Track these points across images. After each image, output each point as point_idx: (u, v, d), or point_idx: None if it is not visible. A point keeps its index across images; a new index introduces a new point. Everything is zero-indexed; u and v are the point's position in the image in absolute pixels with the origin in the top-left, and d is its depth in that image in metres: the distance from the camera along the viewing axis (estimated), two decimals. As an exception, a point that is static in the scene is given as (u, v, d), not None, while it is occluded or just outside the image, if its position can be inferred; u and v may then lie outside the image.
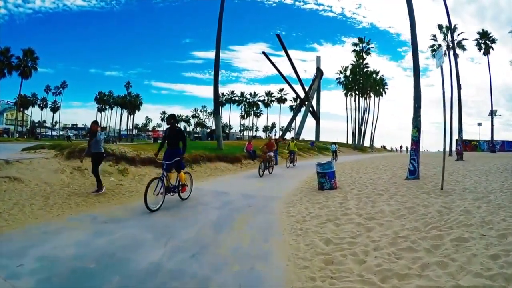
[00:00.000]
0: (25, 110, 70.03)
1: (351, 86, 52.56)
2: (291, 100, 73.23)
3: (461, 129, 20.03)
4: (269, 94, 79.81)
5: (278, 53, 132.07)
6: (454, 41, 20.82)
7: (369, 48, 50.70)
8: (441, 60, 7.19)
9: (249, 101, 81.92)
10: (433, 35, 29.69)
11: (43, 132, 70.05)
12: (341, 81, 54.55)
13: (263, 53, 52.14)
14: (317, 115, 52.77)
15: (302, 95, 51.80)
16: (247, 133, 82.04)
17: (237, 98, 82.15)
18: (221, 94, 79.76)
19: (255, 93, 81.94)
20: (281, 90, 76.43)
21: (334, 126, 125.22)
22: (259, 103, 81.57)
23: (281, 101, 77.66)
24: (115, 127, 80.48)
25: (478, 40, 34.70)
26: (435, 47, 29.50)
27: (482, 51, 34.76)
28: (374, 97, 54.42)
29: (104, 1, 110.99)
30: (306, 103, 51.03)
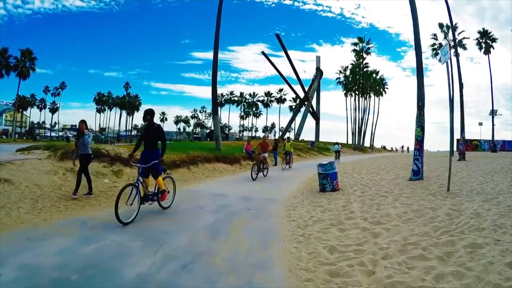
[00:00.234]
0: (24, 111, 69.86)
1: (351, 86, 52.38)
2: (290, 100, 73.04)
3: (463, 129, 19.81)
4: (268, 94, 79.59)
5: (277, 54, 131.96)
6: (455, 39, 20.56)
7: (369, 47, 50.68)
8: (447, 56, 6.91)
9: (248, 101, 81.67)
10: (434, 34, 29.59)
11: (42, 133, 69.80)
12: (341, 81, 54.45)
13: (263, 53, 52.02)
14: (317, 115, 52.55)
15: (301, 95, 51.60)
16: (247, 133, 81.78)
17: (236, 98, 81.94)
18: (220, 94, 79.69)
19: (254, 93, 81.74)
20: (281, 90, 76.22)
21: (333, 126, 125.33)
22: (259, 104, 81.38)
23: (281, 101, 77.41)
24: (114, 128, 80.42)
25: (478, 39, 34.57)
26: (435, 46, 29.33)
27: (482, 50, 34.65)
28: (374, 97, 54.27)
29: (103, 1, 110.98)
30: (305, 103, 50.83)
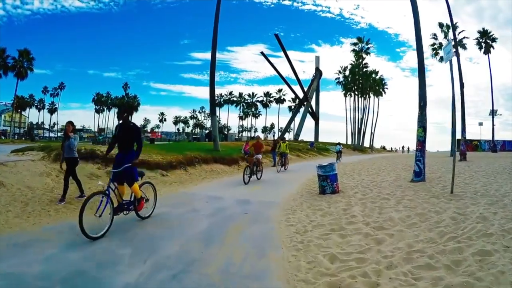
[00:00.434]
0: (22, 111, 69.54)
1: (350, 86, 52.14)
2: (289, 100, 72.82)
3: (464, 129, 19.61)
4: (267, 94, 79.32)
5: (276, 54, 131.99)
6: (456, 38, 20.36)
7: (368, 47, 50.43)
8: (450, 54, 6.71)
9: (247, 101, 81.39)
10: (434, 34, 29.34)
11: (41, 133, 69.45)
12: (340, 81, 54.16)
13: (262, 53, 51.86)
14: (316, 116, 52.36)
15: (301, 95, 51.38)
16: (246, 134, 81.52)
17: (235, 99, 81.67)
18: (219, 95, 79.48)
19: (253, 93, 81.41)
20: (280, 90, 75.91)
21: (333, 126, 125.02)
22: (258, 104, 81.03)
23: (280, 101, 77.11)
24: (112, 128, 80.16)
25: (478, 39, 34.38)
26: (435, 46, 29.16)
27: (482, 50, 34.46)
28: (373, 97, 54.06)
29: (102, 2, 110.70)
30: (305, 103, 50.64)
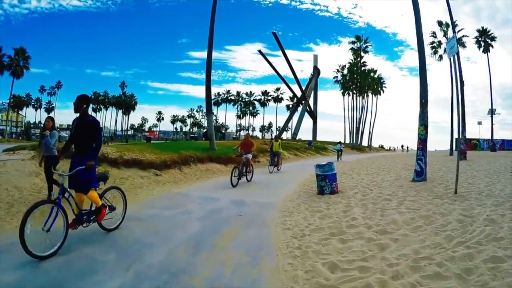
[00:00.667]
0: (19, 110, 68.87)
1: (348, 85, 51.93)
2: (287, 99, 72.59)
3: (464, 128, 19.42)
4: (265, 93, 79.07)
5: (274, 53, 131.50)
6: (456, 37, 20.18)
7: (366, 46, 50.29)
8: (454, 49, 6.45)
9: (245, 100, 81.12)
10: (433, 32, 29.09)
11: (38, 133, 68.86)
12: (339, 79, 53.94)
13: (260, 52, 51.67)
14: (314, 114, 52.16)
15: (299, 94, 51.15)
16: (244, 133, 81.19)
17: (233, 97, 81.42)
18: (217, 93, 79.30)
19: (251, 92, 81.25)
20: (278, 89, 75.64)
21: (331, 126, 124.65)
22: (256, 103, 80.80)
23: (278, 100, 76.81)
24: (110, 127, 79.73)
25: (477, 37, 34.24)
26: (434, 44, 28.95)
27: (481, 49, 34.33)
28: (372, 96, 53.90)
29: (100, 1, 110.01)
30: (303, 102, 50.41)
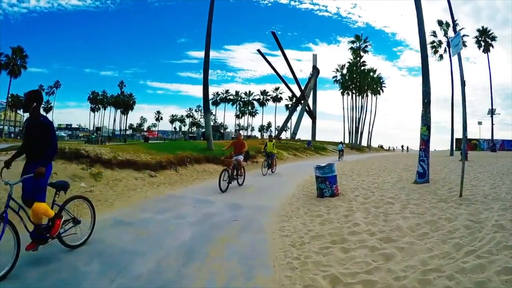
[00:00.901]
0: (18, 110, 68.31)
1: (348, 84, 51.73)
2: (286, 99, 72.44)
3: (466, 128, 19.18)
4: (264, 93, 78.85)
5: (273, 53, 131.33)
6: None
7: (366, 46, 50.17)
8: (459, 46, 6.21)
9: (244, 100, 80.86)
10: (433, 31, 28.90)
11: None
12: (338, 79, 53.74)
13: (259, 51, 51.29)
14: (313, 114, 51.88)
15: (298, 94, 50.86)
16: (243, 133, 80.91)
17: (232, 97, 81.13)
18: (216, 93, 79.01)
19: (250, 92, 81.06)
20: (277, 89, 75.43)
21: (330, 125, 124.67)
22: (254, 102, 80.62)
23: (277, 100, 76.60)
24: (108, 127, 79.33)
25: (477, 37, 34.05)
26: (435, 44, 28.75)
27: (482, 49, 34.15)
28: (371, 95, 53.71)
29: (99, 0, 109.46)
30: (302, 102, 50.13)
